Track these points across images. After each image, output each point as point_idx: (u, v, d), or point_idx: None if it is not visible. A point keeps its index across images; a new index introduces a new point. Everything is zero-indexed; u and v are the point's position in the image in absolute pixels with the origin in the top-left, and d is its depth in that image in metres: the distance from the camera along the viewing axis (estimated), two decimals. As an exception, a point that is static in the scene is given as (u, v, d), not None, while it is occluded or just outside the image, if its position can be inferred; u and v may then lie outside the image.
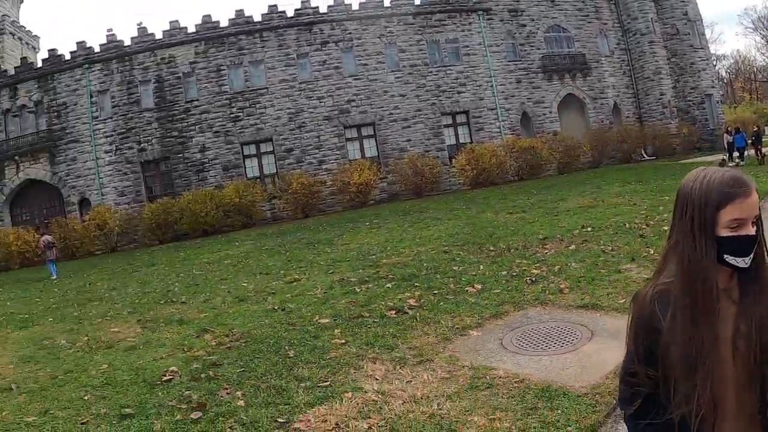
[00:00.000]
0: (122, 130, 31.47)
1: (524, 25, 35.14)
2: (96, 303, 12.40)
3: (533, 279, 8.20)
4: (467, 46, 34.31)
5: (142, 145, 31.26)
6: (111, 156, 31.48)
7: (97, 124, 31.68)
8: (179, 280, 13.91)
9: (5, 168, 33.02)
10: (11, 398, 6.32)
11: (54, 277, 20.15)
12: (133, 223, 29.68)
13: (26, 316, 12.25)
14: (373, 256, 12.28)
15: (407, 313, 7.35)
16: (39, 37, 46.16)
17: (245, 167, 31.15)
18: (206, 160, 30.91)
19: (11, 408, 5.95)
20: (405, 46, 33.38)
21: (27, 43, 43.40)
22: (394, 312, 7.45)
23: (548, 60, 35.54)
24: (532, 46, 35.48)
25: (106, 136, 31.60)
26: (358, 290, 9.14)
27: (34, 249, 28.96)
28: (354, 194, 28.80)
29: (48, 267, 21.30)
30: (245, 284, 11.59)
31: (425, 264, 10.38)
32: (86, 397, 5.90)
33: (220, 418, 4.82)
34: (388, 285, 9.13)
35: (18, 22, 43.08)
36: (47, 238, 22.38)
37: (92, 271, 20.71)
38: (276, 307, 8.86)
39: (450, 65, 33.87)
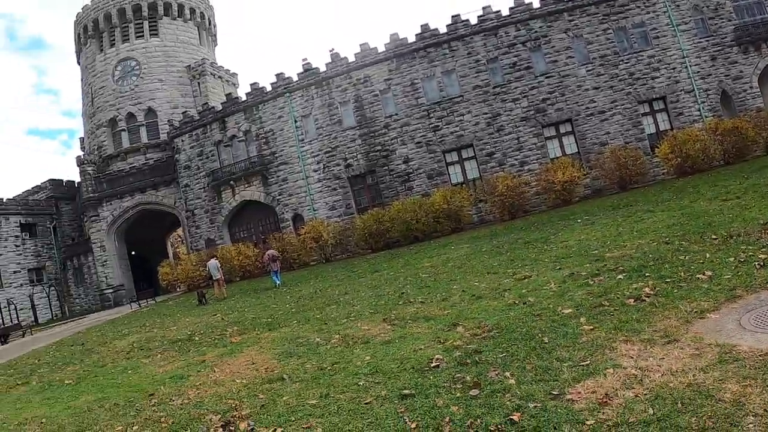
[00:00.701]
0: (328, 149, 36.15)
1: (711, -3, 34.66)
2: (334, 306, 14.12)
3: (762, 263, 8.50)
4: (655, 29, 34.51)
5: (348, 161, 35.71)
6: (319, 174, 36.27)
7: (303, 146, 36.55)
8: (409, 283, 15.36)
9: (222, 192, 38.85)
10: (286, 386, 7.52)
11: (278, 286, 23.69)
12: (346, 234, 33.90)
13: (270, 320, 14.30)
14: (596, 251, 12.98)
15: (644, 300, 7.98)
16: (236, 74, 53.57)
17: (449, 174, 34.24)
18: (411, 170, 34.48)
19: (290, 394, 7.11)
20: (592, 38, 34.43)
21: (227, 81, 50.58)
22: (632, 300, 8.10)
23: (741, 31, 34.46)
24: (722, 18, 34.58)
25: (313, 156, 36.41)
26: (591, 283, 9.87)
27: (254, 262, 34.11)
28: (559, 193, 30.20)
29: (272, 277, 25.06)
30: (476, 283, 12.65)
31: (650, 255, 10.93)
32: (360, 383, 6.91)
33: (497, 394, 5.62)
34: (620, 276, 9.77)
35: (216, 63, 50.14)
36: (272, 252, 26.17)
37: (315, 279, 23.73)
38: (516, 302, 9.74)
39: (640, 51, 34.22)
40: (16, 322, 38.57)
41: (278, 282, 24.32)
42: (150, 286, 45.02)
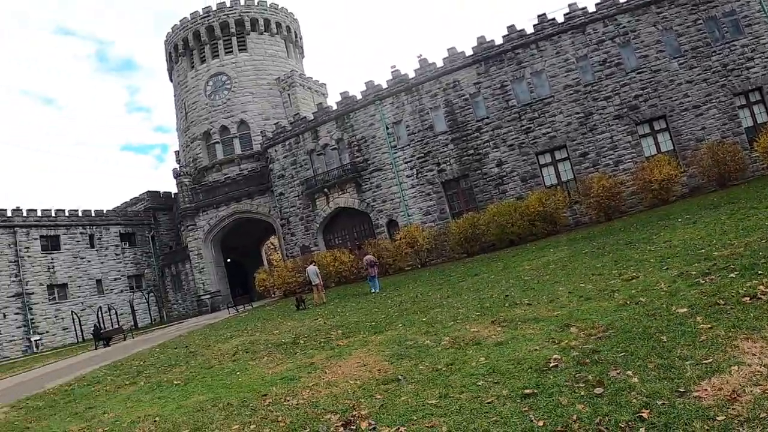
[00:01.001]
0: (420, 155, 38.06)
1: (802, -23, 33.93)
2: (438, 310, 14.42)
3: None
4: (746, 17, 33.35)
5: (441, 166, 37.45)
6: (413, 179, 38.20)
7: (396, 152, 38.59)
8: (512, 286, 15.59)
9: (316, 200, 41.46)
10: (402, 387, 7.73)
11: (375, 291, 24.91)
12: (441, 239, 35.53)
13: (374, 323, 14.70)
14: (702, 250, 12.96)
15: (761, 298, 7.94)
16: (325, 84, 56.74)
17: (542, 176, 35.21)
18: (504, 174, 35.73)
19: (408, 394, 7.32)
20: (682, 29, 34.09)
21: (316, 91, 53.70)
22: (748, 298, 8.05)
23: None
24: (816, 0, 34.33)
25: (406, 162, 38.41)
26: (703, 282, 9.89)
27: (350, 268, 36.29)
28: (656, 192, 30.34)
29: (369, 282, 26.41)
30: (582, 285, 12.82)
31: (760, 253, 10.91)
32: (479, 383, 7.08)
33: (622, 392, 5.73)
34: (732, 275, 9.75)
35: (304, 74, 53.24)
36: (370, 257, 27.43)
37: (413, 284, 24.58)
38: (627, 302, 9.85)
39: (732, 40, 33.58)
40: (117, 326, 42.10)
41: (377, 287, 25.51)
42: (245, 292, 48.33)
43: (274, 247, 68.56)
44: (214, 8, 53.15)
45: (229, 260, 52.45)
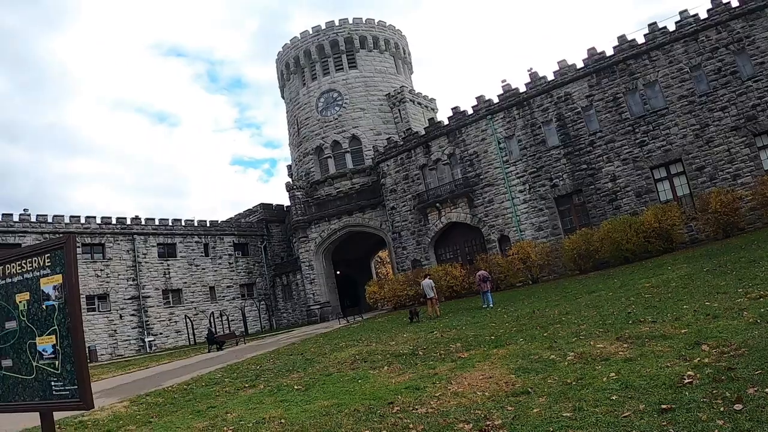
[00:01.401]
0: (533, 170, 39.91)
1: None
2: (558, 326, 14.74)
3: None
4: None
5: (553, 181, 39.08)
6: (525, 195, 40.12)
7: (508, 167, 40.72)
8: (632, 303, 15.75)
9: (428, 214, 44.23)
10: (533, 399, 7.95)
11: (488, 306, 25.76)
12: (553, 255, 36.83)
13: (493, 337, 15.08)
14: None
15: None
16: (434, 99, 60.04)
17: (657, 191, 35.60)
18: (618, 189, 36.50)
19: (540, 406, 7.49)
20: None
21: (426, 106, 56.96)
22: None
23: None
24: None
25: (518, 177, 40.45)
26: None
27: (461, 283, 38.25)
28: None
29: (482, 297, 27.19)
30: (707, 303, 12.91)
31: None
32: (612, 398, 7.20)
33: (762, 408, 5.77)
34: None
35: (414, 90, 56.54)
36: (483, 272, 28.34)
37: (527, 300, 25.15)
38: (758, 321, 9.93)
39: None
40: (228, 331, 45.87)
41: (490, 302, 26.10)
42: (354, 304, 51.47)
43: (381, 260, 72.23)
44: (324, 27, 57.31)
45: (338, 272, 55.97)
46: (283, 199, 58.06)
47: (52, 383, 5.20)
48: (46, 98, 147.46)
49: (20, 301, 5.59)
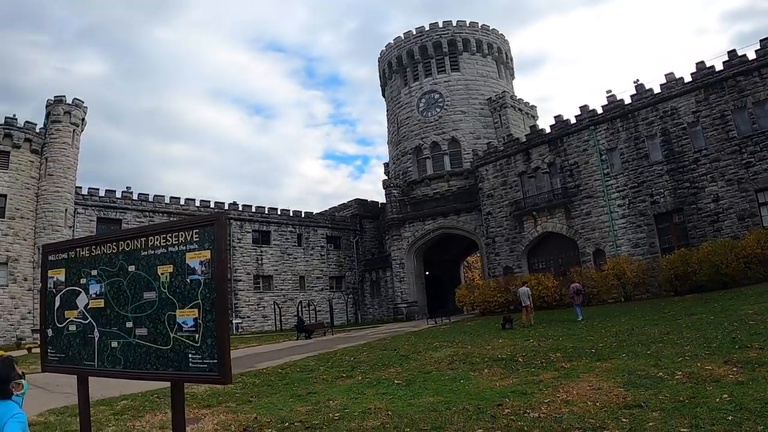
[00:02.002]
0: (633, 184, 40.06)
1: None
2: (660, 344, 14.80)
3: None
4: None
5: (654, 197, 39.00)
6: (624, 209, 40.35)
7: (608, 180, 41.23)
8: (735, 329, 15.67)
9: (524, 222, 45.46)
10: (646, 413, 8.08)
11: (580, 319, 26.03)
12: (649, 273, 36.46)
13: (593, 350, 15.22)
14: None
15: None
16: (535, 106, 61.28)
17: (761, 215, 34.45)
18: (720, 210, 35.96)
19: (654, 420, 7.67)
20: None
21: (526, 113, 58.34)
22: None
23: None
24: None
25: (618, 191, 40.75)
26: None
27: (553, 294, 38.73)
28: None
29: (574, 310, 27.64)
30: None
31: None
32: (729, 418, 7.34)
33: None
34: None
35: (515, 96, 57.81)
36: (576, 285, 28.84)
37: (622, 317, 25.09)
38: None
39: None
40: (315, 321, 48.03)
41: (579, 316, 26.42)
42: (440, 305, 53.07)
43: (468, 264, 73.76)
44: (427, 28, 59.15)
45: (428, 273, 57.91)
46: (374, 195, 61.06)
47: (190, 356, 5.36)
48: (147, 86, 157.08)
49: (162, 273, 5.79)
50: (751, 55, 36.06)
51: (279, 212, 59.00)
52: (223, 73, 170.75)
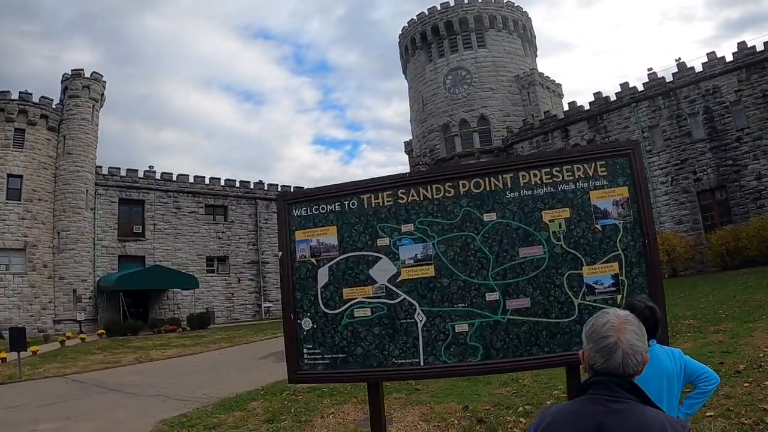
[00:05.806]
0: (676, 162, 41.43)
1: None
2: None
3: None
4: None
5: (697, 174, 40.33)
6: (667, 186, 41.77)
7: (651, 157, 42.44)
8: None
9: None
10: None
11: None
12: (698, 249, 38.17)
13: (724, 315, 15.45)
14: None
15: None
16: (561, 84, 62.30)
17: None
18: (763, 188, 37.39)
19: None
20: None
21: (553, 91, 59.50)
22: None
23: None
24: None
25: (661, 168, 42.08)
26: None
27: None
28: None
29: None
30: None
31: None
32: None
33: None
34: None
35: (543, 74, 58.97)
36: None
37: (698, 289, 25.47)
38: None
39: None
40: None
41: None
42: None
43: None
44: (452, 4, 59.88)
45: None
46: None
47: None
48: (137, 73, 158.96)
49: (552, 221, 4.85)
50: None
51: (308, 192, 59.39)
52: (213, 61, 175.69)
